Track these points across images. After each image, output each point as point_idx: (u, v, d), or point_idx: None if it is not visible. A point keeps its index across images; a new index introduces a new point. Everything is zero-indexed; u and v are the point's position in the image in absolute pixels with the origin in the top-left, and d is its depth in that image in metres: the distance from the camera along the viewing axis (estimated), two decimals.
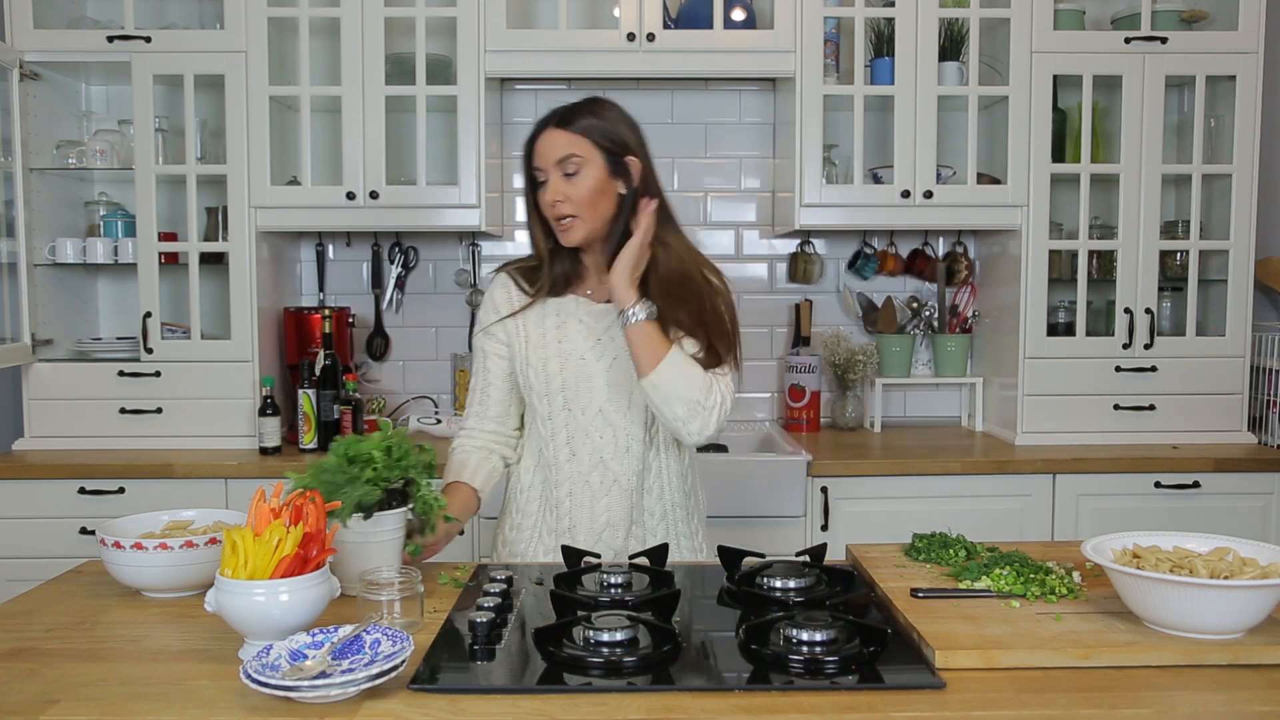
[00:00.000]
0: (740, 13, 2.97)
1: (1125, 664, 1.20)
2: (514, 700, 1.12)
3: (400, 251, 3.33)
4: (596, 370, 1.75)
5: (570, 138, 1.68)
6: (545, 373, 1.77)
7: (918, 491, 2.77)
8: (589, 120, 1.69)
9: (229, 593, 1.23)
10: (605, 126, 1.70)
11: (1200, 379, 2.98)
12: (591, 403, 1.76)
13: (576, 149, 1.68)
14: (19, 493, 2.76)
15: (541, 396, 1.78)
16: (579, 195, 1.68)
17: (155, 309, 2.91)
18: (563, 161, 1.67)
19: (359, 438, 1.51)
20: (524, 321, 1.80)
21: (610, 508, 1.78)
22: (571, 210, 1.68)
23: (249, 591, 1.22)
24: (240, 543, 1.24)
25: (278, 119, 2.98)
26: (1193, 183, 2.98)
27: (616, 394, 1.76)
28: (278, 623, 1.22)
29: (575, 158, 1.67)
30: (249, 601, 1.22)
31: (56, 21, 2.95)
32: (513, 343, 1.81)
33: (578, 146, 1.68)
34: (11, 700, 1.13)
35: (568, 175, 1.68)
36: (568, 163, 1.67)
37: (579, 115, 1.70)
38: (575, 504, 1.79)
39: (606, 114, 1.72)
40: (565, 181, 1.68)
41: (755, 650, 1.23)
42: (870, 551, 1.66)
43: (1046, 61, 2.92)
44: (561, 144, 1.68)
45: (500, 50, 2.89)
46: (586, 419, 1.77)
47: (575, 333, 1.77)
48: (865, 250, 3.32)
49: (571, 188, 1.68)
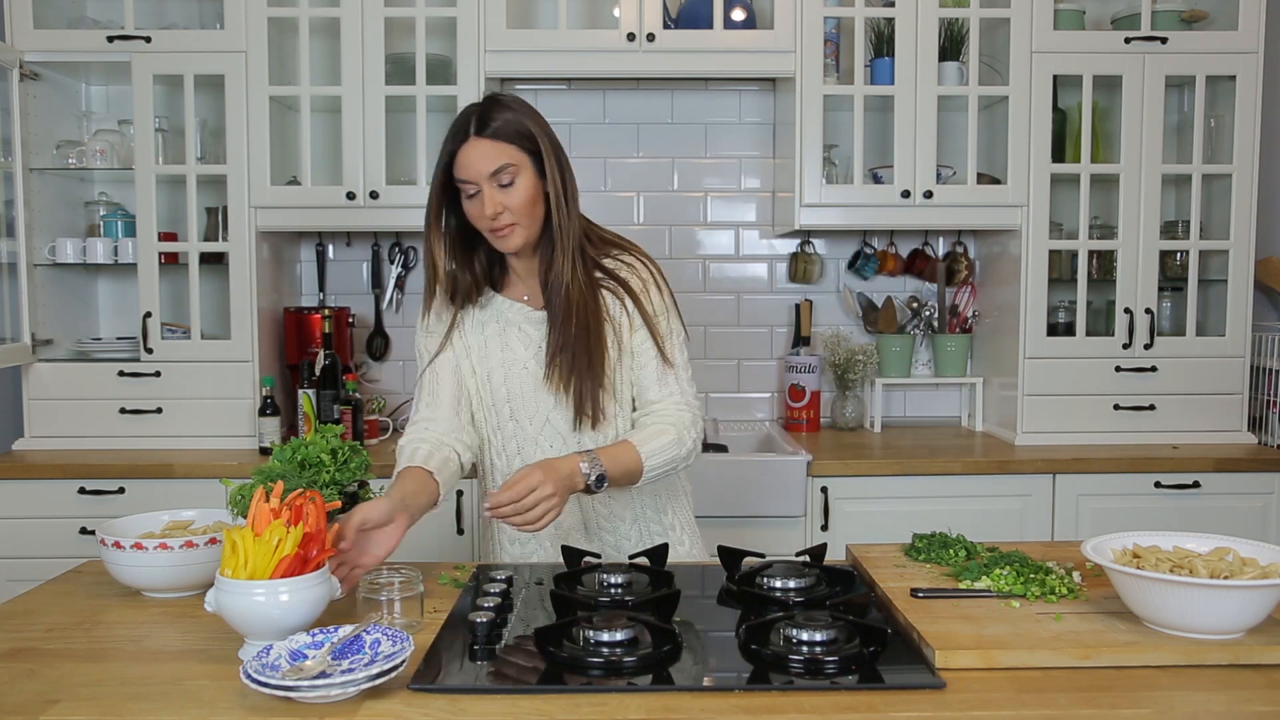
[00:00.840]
0: (740, 13, 2.97)
1: (1125, 664, 1.20)
2: (514, 700, 1.12)
3: (400, 251, 3.33)
4: (541, 379, 1.72)
5: (498, 146, 1.62)
6: (489, 384, 1.75)
7: (918, 491, 2.77)
8: (509, 124, 1.63)
9: (229, 593, 1.23)
10: (524, 126, 1.64)
11: (1200, 379, 2.98)
12: (538, 413, 1.74)
13: (508, 158, 1.62)
14: (19, 493, 2.76)
15: (489, 408, 1.76)
16: (517, 204, 1.63)
17: (155, 309, 2.91)
18: (497, 173, 1.62)
19: (302, 441, 1.50)
20: (462, 331, 1.77)
21: (568, 513, 1.76)
22: (511, 219, 1.64)
23: (249, 592, 1.22)
24: (240, 543, 1.24)
25: (278, 119, 2.98)
26: (1193, 183, 2.98)
27: (560, 403, 1.72)
28: (278, 622, 1.22)
29: (510, 167, 1.62)
30: (249, 602, 1.22)
31: (56, 21, 2.95)
32: (455, 348, 1.78)
33: (509, 155, 1.62)
34: (11, 700, 1.13)
35: (503, 185, 1.63)
36: (502, 174, 1.62)
37: (497, 120, 1.63)
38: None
39: (517, 111, 1.65)
40: (501, 192, 1.62)
41: (755, 650, 1.23)
42: (870, 551, 1.66)
43: (1046, 61, 2.92)
44: (491, 155, 1.61)
45: (500, 50, 2.89)
46: (534, 429, 1.74)
47: (516, 341, 1.74)
48: (865, 250, 3.32)
49: (508, 197, 1.63)
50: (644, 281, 1.76)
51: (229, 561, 1.25)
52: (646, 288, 1.75)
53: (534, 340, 1.74)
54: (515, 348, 1.74)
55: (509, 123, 1.63)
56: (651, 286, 1.76)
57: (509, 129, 1.63)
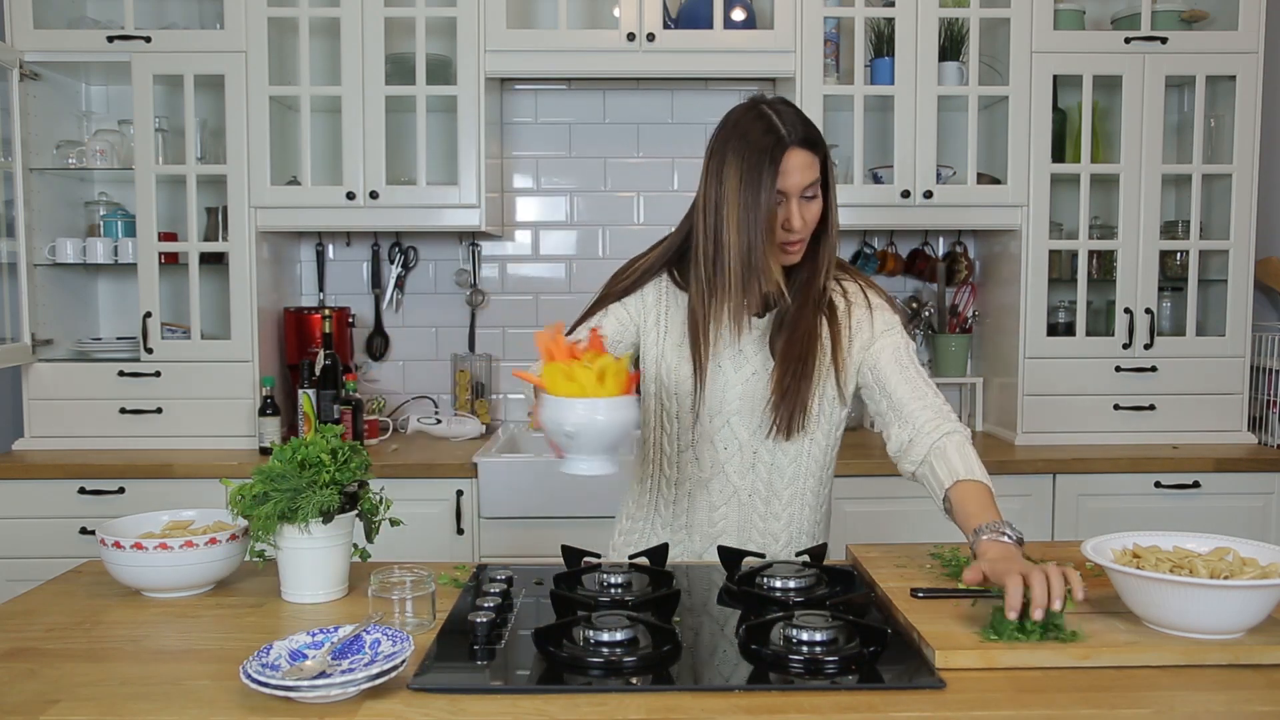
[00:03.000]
0: (740, 13, 2.97)
1: (1125, 664, 1.20)
2: (514, 700, 1.12)
3: (400, 251, 3.33)
4: (733, 381, 1.71)
5: (812, 161, 1.59)
6: (678, 373, 1.72)
7: (918, 491, 2.74)
8: (817, 136, 1.61)
9: (603, 410, 1.31)
10: (820, 139, 1.62)
11: (1200, 379, 2.98)
12: (720, 413, 1.71)
13: (816, 174, 1.60)
14: (19, 493, 2.76)
15: (671, 395, 1.73)
16: (811, 219, 1.63)
17: (155, 309, 2.91)
18: (807, 187, 1.61)
19: (302, 441, 1.51)
20: (666, 315, 1.74)
21: (726, 516, 1.75)
22: (804, 234, 1.63)
23: (628, 405, 1.33)
24: (577, 372, 1.32)
25: (278, 119, 2.98)
26: (1193, 183, 2.98)
27: (746, 408, 1.70)
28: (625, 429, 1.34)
29: (815, 183, 1.61)
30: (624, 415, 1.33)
31: (56, 21, 2.96)
32: (644, 328, 1.74)
33: (817, 171, 1.60)
34: (11, 700, 1.13)
35: (806, 199, 1.61)
36: (809, 188, 1.61)
37: (811, 130, 1.60)
38: (693, 505, 1.76)
39: (809, 121, 1.63)
40: (804, 204, 1.61)
41: (755, 650, 1.23)
42: (870, 551, 1.66)
43: (1046, 61, 2.92)
44: (809, 168, 1.59)
45: (500, 50, 2.89)
46: (713, 428, 1.72)
47: (716, 339, 1.71)
48: (865, 250, 3.32)
49: (809, 212, 1.62)
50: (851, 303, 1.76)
51: (565, 389, 1.32)
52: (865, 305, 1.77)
53: (737, 343, 1.70)
54: (713, 344, 1.70)
55: (813, 130, 1.61)
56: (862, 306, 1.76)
57: (816, 138, 1.61)
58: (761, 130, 1.58)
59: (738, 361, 1.71)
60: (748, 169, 1.56)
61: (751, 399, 1.70)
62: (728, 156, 1.59)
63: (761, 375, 1.70)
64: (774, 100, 1.64)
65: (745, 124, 1.61)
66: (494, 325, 3.38)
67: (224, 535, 1.50)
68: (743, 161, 1.57)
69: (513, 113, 3.32)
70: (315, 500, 1.43)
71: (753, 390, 1.70)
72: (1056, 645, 1.22)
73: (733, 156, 1.58)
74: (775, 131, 1.57)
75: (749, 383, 1.70)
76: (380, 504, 1.57)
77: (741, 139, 1.59)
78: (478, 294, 3.35)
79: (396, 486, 2.18)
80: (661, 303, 1.73)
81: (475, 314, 3.36)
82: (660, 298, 1.74)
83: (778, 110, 1.61)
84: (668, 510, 1.79)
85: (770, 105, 1.62)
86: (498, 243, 3.36)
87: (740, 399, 1.70)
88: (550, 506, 2.72)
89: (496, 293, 3.37)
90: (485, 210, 2.94)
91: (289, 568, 1.48)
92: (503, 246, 3.37)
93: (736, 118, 1.63)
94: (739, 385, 1.70)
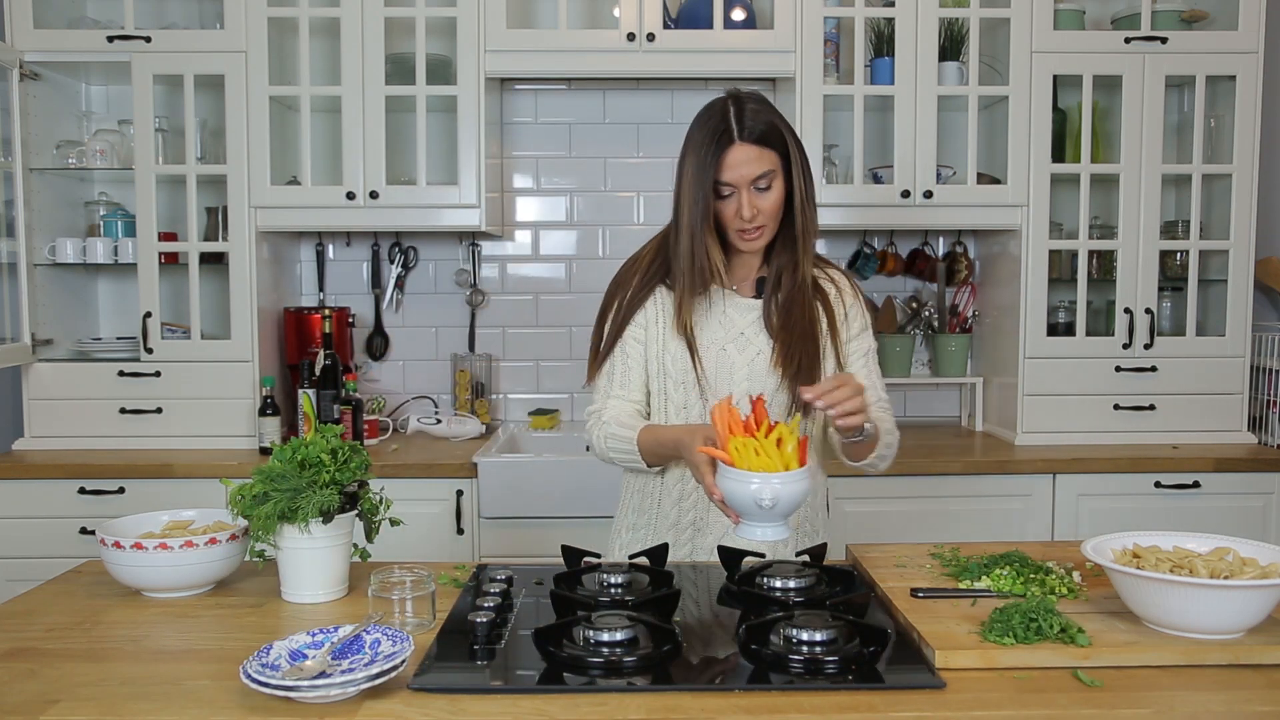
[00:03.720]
0: (740, 13, 2.97)
1: (1125, 664, 1.20)
2: (514, 700, 1.12)
3: (400, 251, 3.33)
4: (738, 363, 1.75)
5: (762, 152, 1.65)
6: (683, 362, 1.76)
7: (917, 491, 2.77)
8: (770, 129, 1.66)
9: (790, 483, 1.39)
10: (778, 130, 1.67)
11: (1200, 379, 2.98)
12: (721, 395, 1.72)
13: (768, 165, 1.66)
14: (19, 493, 2.76)
15: (678, 385, 1.77)
16: (770, 207, 1.68)
17: (155, 309, 2.91)
18: (757, 179, 1.66)
19: (302, 441, 1.51)
20: (662, 309, 1.78)
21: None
22: (763, 222, 1.69)
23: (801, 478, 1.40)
24: (764, 446, 1.41)
25: (278, 119, 2.98)
26: (1193, 183, 2.98)
27: (755, 389, 1.72)
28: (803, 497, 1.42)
29: (769, 174, 1.66)
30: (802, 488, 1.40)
31: (56, 21, 2.96)
32: (649, 328, 1.79)
33: (769, 162, 1.66)
34: (11, 700, 1.13)
35: (760, 190, 1.67)
36: (760, 180, 1.66)
37: (759, 124, 1.66)
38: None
39: (769, 112, 1.68)
40: (758, 195, 1.67)
41: (755, 650, 1.23)
42: (870, 551, 1.66)
43: (1046, 61, 2.92)
44: (756, 161, 1.65)
45: (500, 50, 2.89)
46: None
47: (717, 324, 1.77)
48: (865, 250, 3.31)
49: (764, 201, 1.67)
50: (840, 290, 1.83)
51: (754, 463, 1.40)
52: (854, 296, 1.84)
53: (736, 325, 1.77)
54: (715, 330, 1.77)
55: (770, 127, 1.66)
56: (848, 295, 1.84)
57: (771, 134, 1.66)
58: (713, 125, 1.67)
59: (741, 343, 1.76)
60: (696, 161, 1.68)
61: (758, 380, 1.75)
62: (687, 149, 1.71)
63: (765, 354, 1.75)
64: (745, 95, 1.71)
65: (704, 118, 1.71)
66: (494, 325, 3.38)
67: (224, 535, 1.50)
68: (694, 154, 1.68)
69: (513, 113, 3.32)
70: (315, 500, 1.44)
71: (758, 372, 1.75)
72: (1056, 645, 1.22)
73: (689, 148, 1.70)
74: (724, 126, 1.66)
75: (754, 363, 1.75)
76: (380, 504, 1.57)
77: (699, 131, 1.69)
78: (478, 294, 3.35)
79: (396, 486, 2.19)
80: (657, 304, 1.79)
81: (475, 314, 3.36)
82: (656, 304, 1.79)
83: (740, 105, 1.68)
84: (674, 509, 1.79)
85: (735, 100, 1.69)
86: (498, 243, 3.36)
87: (748, 380, 1.75)
88: (550, 506, 2.72)
89: (496, 293, 3.37)
90: (485, 210, 2.94)
91: (289, 568, 1.48)
92: (503, 246, 3.37)
93: (700, 112, 1.72)
94: (744, 367, 1.75)
